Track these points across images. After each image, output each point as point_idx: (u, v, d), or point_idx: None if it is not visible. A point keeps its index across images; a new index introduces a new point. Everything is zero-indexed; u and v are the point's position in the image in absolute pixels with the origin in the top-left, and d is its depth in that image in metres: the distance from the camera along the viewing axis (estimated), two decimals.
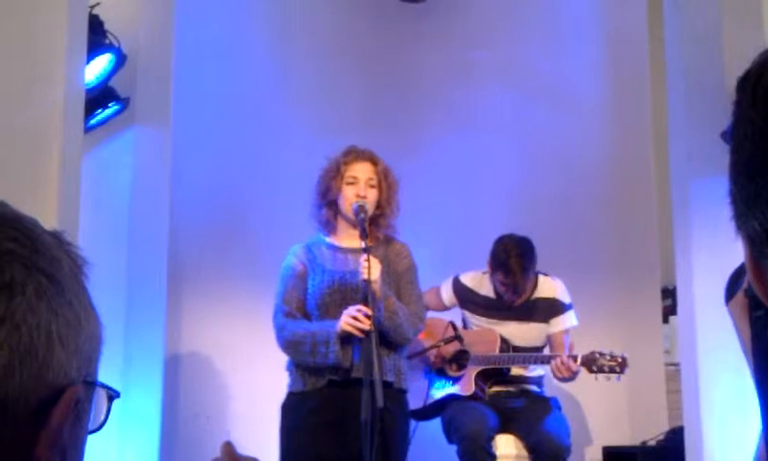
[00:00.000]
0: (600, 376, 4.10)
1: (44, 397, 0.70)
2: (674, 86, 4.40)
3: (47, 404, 0.70)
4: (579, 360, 4.09)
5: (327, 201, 3.71)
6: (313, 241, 3.77)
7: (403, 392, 3.66)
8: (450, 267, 4.63)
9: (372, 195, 3.66)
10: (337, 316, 3.52)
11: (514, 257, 4.21)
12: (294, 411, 3.60)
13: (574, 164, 5.52)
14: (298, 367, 3.63)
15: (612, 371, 4.09)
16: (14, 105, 3.11)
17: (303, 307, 3.67)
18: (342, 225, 3.73)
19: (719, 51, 4.06)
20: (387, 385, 3.49)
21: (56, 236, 0.76)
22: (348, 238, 3.70)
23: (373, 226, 3.68)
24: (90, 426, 0.78)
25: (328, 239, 3.76)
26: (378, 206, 3.68)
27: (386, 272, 3.64)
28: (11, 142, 3.08)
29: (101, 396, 0.79)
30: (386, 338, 3.54)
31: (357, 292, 3.54)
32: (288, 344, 3.60)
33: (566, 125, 5.55)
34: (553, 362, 4.13)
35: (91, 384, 0.76)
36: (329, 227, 3.74)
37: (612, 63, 5.70)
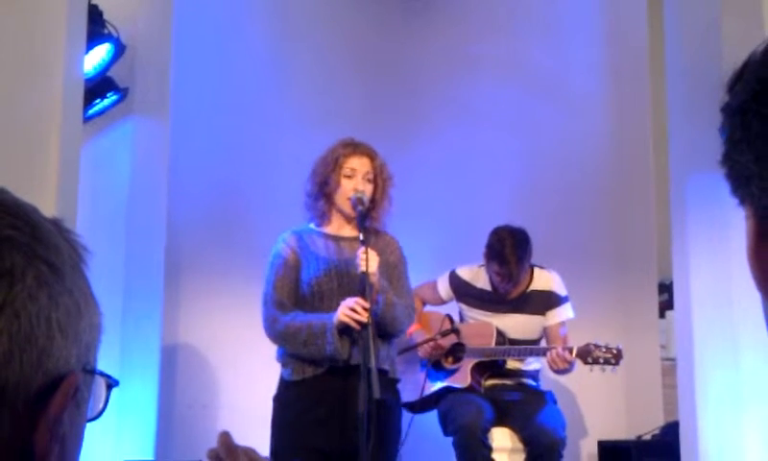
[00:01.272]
0: (595, 367, 4.13)
1: (43, 384, 0.70)
2: (673, 82, 4.40)
3: (46, 392, 0.70)
4: (574, 352, 4.11)
5: (324, 192, 3.70)
6: (303, 229, 3.75)
7: (397, 381, 3.68)
8: (449, 260, 4.63)
9: (368, 189, 3.66)
10: (332, 305, 3.51)
11: (509, 247, 4.22)
12: (290, 402, 3.55)
13: (573, 159, 5.52)
14: (292, 357, 3.57)
15: (607, 362, 4.11)
16: (14, 94, 3.11)
17: (294, 296, 3.61)
18: (335, 216, 3.73)
19: (719, 47, 4.06)
20: (382, 373, 3.49)
21: (55, 224, 0.76)
22: (340, 228, 3.71)
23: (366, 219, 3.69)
24: (89, 414, 0.78)
25: (320, 228, 3.75)
26: (372, 200, 3.68)
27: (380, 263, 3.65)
28: (10, 132, 3.08)
29: (100, 384, 0.79)
30: (382, 330, 3.54)
31: (352, 280, 3.53)
32: (281, 335, 3.54)
33: (566, 120, 5.55)
34: (549, 354, 4.15)
35: (90, 372, 0.77)
36: (323, 218, 3.74)
37: (612, 59, 5.70)
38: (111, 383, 0.80)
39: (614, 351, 4.12)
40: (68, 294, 0.73)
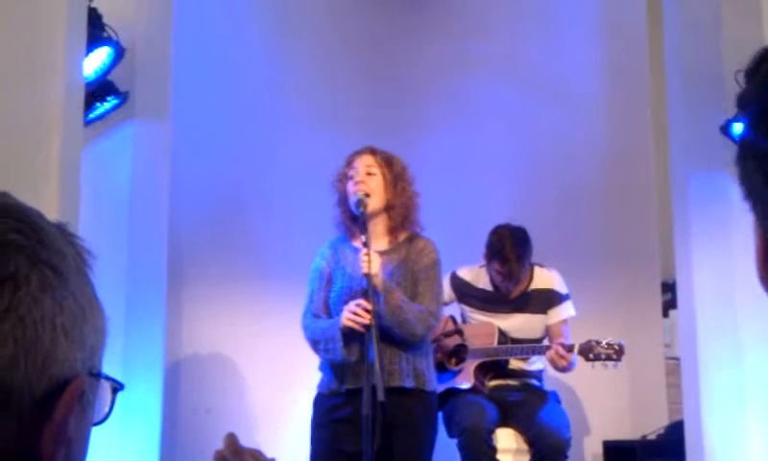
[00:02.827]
0: (597, 363, 4.13)
1: (49, 389, 0.70)
2: (673, 80, 4.40)
3: (52, 396, 0.70)
4: (576, 349, 4.11)
5: (342, 205, 3.72)
6: (339, 240, 3.79)
7: (426, 393, 3.64)
8: (450, 260, 4.61)
9: (373, 182, 3.65)
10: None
11: (509, 246, 4.23)
12: (319, 408, 3.68)
13: (574, 157, 5.52)
14: (325, 368, 3.69)
15: (608, 358, 4.12)
16: (14, 98, 3.10)
17: (330, 307, 3.72)
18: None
19: (718, 45, 4.06)
20: (404, 392, 3.51)
21: (60, 228, 0.76)
22: (371, 239, 3.65)
23: (391, 222, 3.69)
24: (95, 418, 0.78)
25: (352, 241, 3.75)
26: (386, 193, 3.67)
27: (404, 272, 3.65)
28: (11, 136, 3.08)
29: (105, 388, 0.79)
30: (390, 333, 3.52)
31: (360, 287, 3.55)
32: (311, 343, 3.67)
33: (566, 118, 5.55)
34: (548, 353, 4.15)
35: (96, 376, 0.76)
36: (350, 231, 3.74)
37: (612, 57, 5.69)
38: (117, 387, 0.80)
39: (616, 348, 4.12)
40: (73, 298, 0.73)
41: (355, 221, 3.67)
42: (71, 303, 0.72)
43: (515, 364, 4.37)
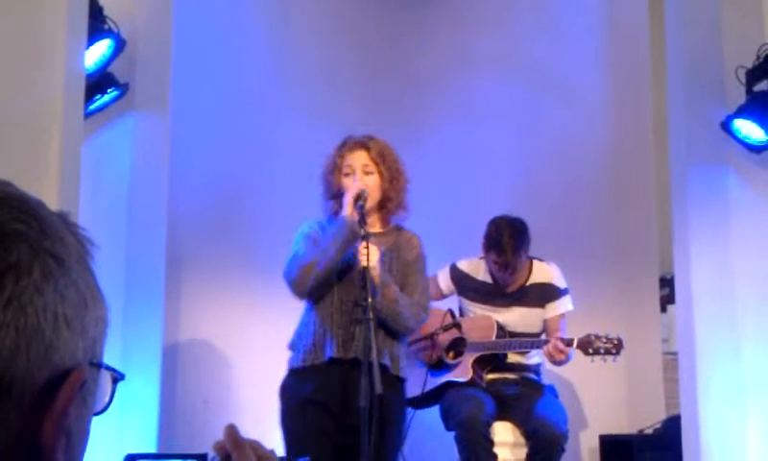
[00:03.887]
0: (596, 358, 4.15)
1: (50, 378, 0.70)
2: (674, 76, 4.40)
3: (53, 386, 0.70)
4: (575, 343, 4.13)
5: (332, 195, 3.71)
6: (328, 221, 3.75)
7: (400, 380, 3.64)
8: (450, 256, 4.63)
9: (371, 181, 3.64)
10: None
11: (506, 236, 4.24)
12: (291, 386, 3.59)
13: (574, 153, 5.52)
14: (300, 343, 3.61)
15: (607, 352, 4.14)
16: (15, 90, 3.11)
17: None
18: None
19: (719, 41, 4.06)
20: (383, 369, 3.49)
21: (62, 218, 0.77)
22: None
23: (383, 211, 3.70)
24: (95, 408, 0.78)
25: None
26: (382, 192, 3.68)
27: (395, 260, 3.66)
28: (11, 128, 3.08)
29: (105, 378, 0.79)
30: (385, 325, 3.53)
31: (354, 275, 3.54)
32: (299, 277, 3.53)
33: (567, 114, 5.55)
34: (545, 346, 4.16)
35: (97, 366, 0.77)
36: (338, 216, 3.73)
37: (613, 53, 5.69)
38: (117, 377, 0.80)
39: (615, 342, 4.15)
40: (75, 287, 0.73)
41: (340, 209, 3.63)
42: (73, 293, 0.73)
43: (513, 358, 4.38)
